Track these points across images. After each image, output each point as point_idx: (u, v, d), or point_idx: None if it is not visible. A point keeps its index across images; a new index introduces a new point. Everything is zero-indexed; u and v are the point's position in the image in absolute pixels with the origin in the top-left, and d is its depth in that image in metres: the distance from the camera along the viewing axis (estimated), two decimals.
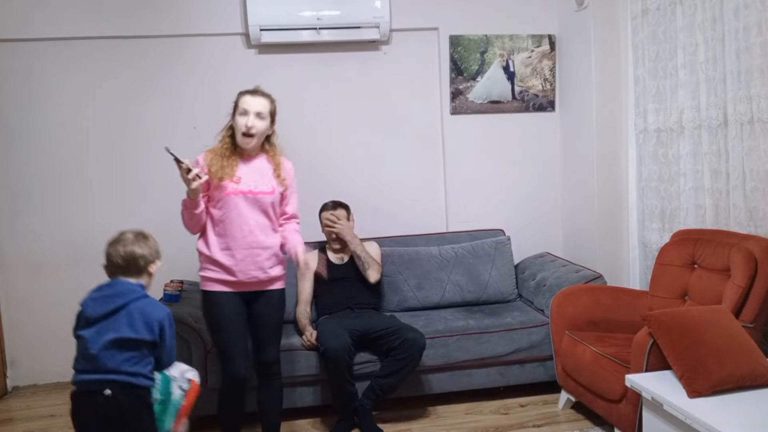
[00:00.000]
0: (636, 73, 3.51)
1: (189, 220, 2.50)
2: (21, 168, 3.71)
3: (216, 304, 2.52)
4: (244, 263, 2.50)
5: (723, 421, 1.93)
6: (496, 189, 4.05)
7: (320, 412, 3.16)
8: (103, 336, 1.96)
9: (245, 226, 2.49)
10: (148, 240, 2.15)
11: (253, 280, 2.53)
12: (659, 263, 3.01)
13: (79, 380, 1.99)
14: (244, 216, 2.49)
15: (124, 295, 2.02)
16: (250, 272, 2.51)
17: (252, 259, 2.50)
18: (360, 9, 3.68)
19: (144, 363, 2.01)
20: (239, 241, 2.48)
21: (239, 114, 2.52)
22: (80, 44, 3.68)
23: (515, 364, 3.24)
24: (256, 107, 2.52)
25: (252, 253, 2.50)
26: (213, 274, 2.51)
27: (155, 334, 2.01)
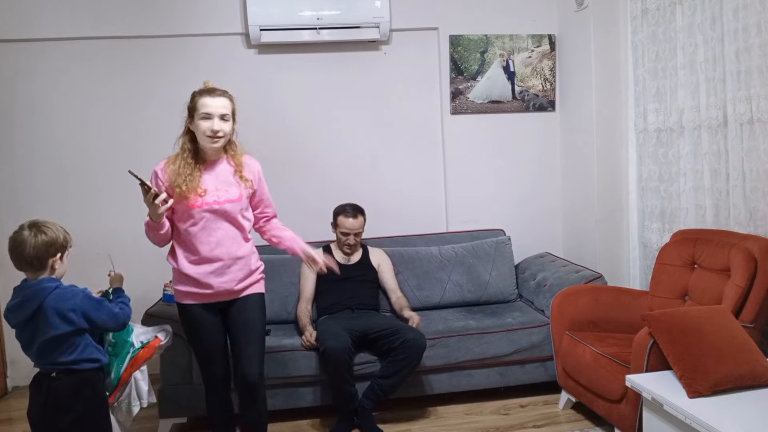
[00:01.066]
0: (636, 73, 3.51)
1: (154, 239, 2.40)
2: (22, 168, 3.71)
3: (191, 318, 2.45)
4: (214, 276, 2.39)
5: (723, 421, 1.93)
6: (497, 189, 4.05)
7: (320, 412, 3.16)
8: (32, 340, 2.07)
9: (212, 238, 2.37)
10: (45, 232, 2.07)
11: (223, 291, 2.42)
12: (659, 263, 3.01)
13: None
14: (211, 228, 2.37)
15: (35, 298, 2.04)
16: (222, 285, 2.40)
17: (222, 271, 2.39)
18: (360, 9, 3.68)
19: (81, 349, 2.08)
20: (208, 254, 2.37)
21: (200, 118, 2.33)
22: (81, 45, 3.68)
23: (515, 364, 3.24)
24: (219, 109, 2.34)
25: (223, 265, 2.39)
26: (184, 288, 2.41)
27: (77, 322, 2.04)
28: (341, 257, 3.43)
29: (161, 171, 2.38)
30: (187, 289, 2.40)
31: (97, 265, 2.71)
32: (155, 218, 2.28)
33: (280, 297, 3.45)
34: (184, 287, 2.41)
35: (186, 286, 2.41)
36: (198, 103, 2.33)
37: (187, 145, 2.39)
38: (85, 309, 2.06)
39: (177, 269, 2.41)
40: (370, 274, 3.41)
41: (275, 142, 3.85)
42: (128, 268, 3.71)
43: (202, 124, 2.32)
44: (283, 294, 3.45)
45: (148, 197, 2.22)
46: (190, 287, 2.40)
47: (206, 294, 2.40)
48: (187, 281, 2.39)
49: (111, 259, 2.44)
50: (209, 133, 2.32)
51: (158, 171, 2.39)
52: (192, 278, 2.38)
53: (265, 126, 3.83)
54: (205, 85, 2.39)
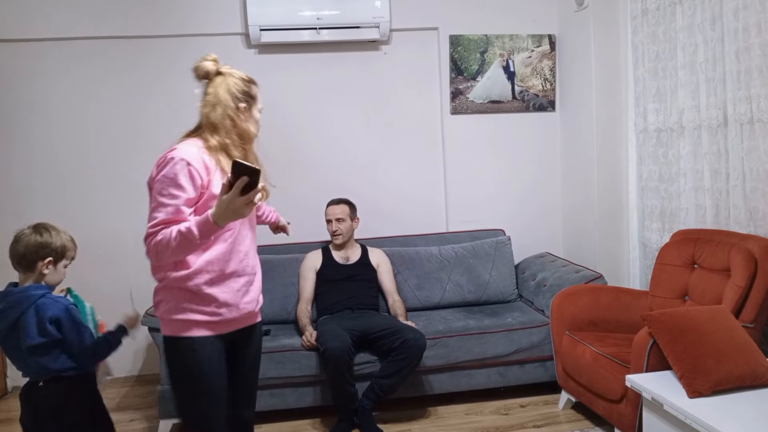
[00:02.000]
0: (636, 73, 3.51)
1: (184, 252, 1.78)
2: (22, 168, 3.71)
3: (203, 356, 1.87)
4: (239, 295, 1.94)
5: (723, 421, 1.93)
6: (497, 189, 4.05)
7: (320, 412, 3.16)
8: (16, 348, 2.01)
9: (242, 246, 1.95)
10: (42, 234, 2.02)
11: (245, 315, 1.98)
12: (659, 263, 3.01)
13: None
14: (241, 235, 1.95)
15: (18, 306, 1.98)
16: (245, 306, 1.96)
17: (246, 289, 1.97)
18: (360, 9, 3.67)
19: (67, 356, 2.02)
20: (237, 269, 1.93)
21: (259, 110, 2.05)
22: (80, 45, 3.68)
23: (515, 364, 3.24)
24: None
25: (249, 280, 1.98)
26: (197, 316, 1.86)
27: (53, 334, 1.97)
28: (339, 257, 3.43)
29: (199, 161, 1.82)
30: (202, 317, 1.87)
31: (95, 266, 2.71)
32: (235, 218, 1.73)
33: (280, 297, 3.45)
34: (198, 315, 1.86)
35: (200, 314, 1.87)
36: (257, 96, 2.03)
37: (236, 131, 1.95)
38: (63, 322, 1.98)
39: (194, 290, 1.85)
40: (369, 273, 3.41)
41: (275, 141, 3.84)
42: (127, 268, 3.75)
43: (258, 116, 2.05)
44: (282, 294, 3.45)
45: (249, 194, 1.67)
46: (205, 315, 1.87)
47: (227, 320, 1.91)
48: (202, 304, 1.87)
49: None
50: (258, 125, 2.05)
51: (189, 158, 1.80)
52: (214, 300, 1.87)
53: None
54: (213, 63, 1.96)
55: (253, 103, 2.00)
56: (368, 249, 3.51)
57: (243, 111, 1.95)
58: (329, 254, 3.44)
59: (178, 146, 1.84)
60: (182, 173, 1.77)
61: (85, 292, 2.12)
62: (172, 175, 1.77)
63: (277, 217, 2.53)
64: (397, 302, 3.35)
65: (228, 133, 1.91)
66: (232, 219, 1.72)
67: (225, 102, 1.91)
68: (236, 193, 1.64)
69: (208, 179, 1.83)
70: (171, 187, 1.77)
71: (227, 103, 1.91)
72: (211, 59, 1.95)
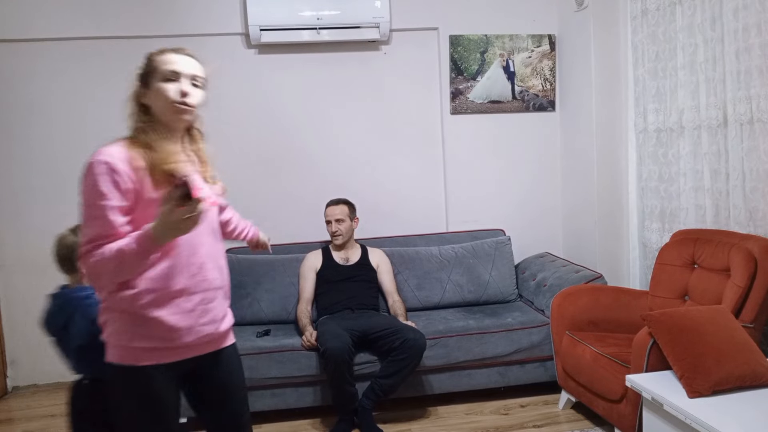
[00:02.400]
0: (636, 73, 3.51)
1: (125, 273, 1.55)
2: (22, 168, 3.71)
3: (149, 390, 1.62)
4: (193, 316, 1.65)
5: (723, 421, 1.93)
6: (497, 189, 4.05)
7: (320, 412, 3.16)
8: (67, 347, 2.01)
9: (195, 257, 1.65)
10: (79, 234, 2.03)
11: (204, 340, 1.69)
12: (659, 263, 3.02)
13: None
14: (192, 244, 1.64)
15: (65, 308, 1.99)
16: (202, 329, 1.67)
17: (204, 308, 1.67)
18: (360, 9, 3.67)
19: None
20: (188, 285, 1.63)
21: (161, 80, 1.63)
22: (81, 44, 3.68)
23: (515, 364, 3.24)
24: (190, 68, 1.68)
25: (205, 299, 1.67)
26: (143, 342, 1.60)
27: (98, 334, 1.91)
28: (339, 258, 3.43)
29: (123, 160, 1.55)
30: (148, 343, 1.60)
31: None
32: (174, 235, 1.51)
33: (280, 297, 3.45)
34: (143, 341, 1.60)
35: (146, 340, 1.60)
36: (158, 62, 1.66)
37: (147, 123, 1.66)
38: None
39: (138, 314, 1.59)
40: (369, 274, 3.41)
41: (275, 142, 3.85)
42: None
43: (167, 88, 1.63)
44: (282, 294, 3.45)
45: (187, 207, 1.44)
46: (152, 341, 1.60)
47: (179, 347, 1.64)
48: (148, 329, 1.60)
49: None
50: (177, 97, 1.63)
51: (112, 159, 1.54)
52: (161, 324, 1.60)
53: (265, 126, 3.84)
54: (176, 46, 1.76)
55: (150, 77, 1.66)
56: (368, 249, 3.51)
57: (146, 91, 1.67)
58: (329, 254, 3.44)
59: (103, 148, 1.58)
60: (102, 179, 1.52)
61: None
62: (93, 182, 1.52)
63: (255, 233, 2.21)
64: (397, 302, 3.35)
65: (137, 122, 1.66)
66: (174, 235, 1.50)
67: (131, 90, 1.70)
68: (171, 206, 1.43)
69: (138, 181, 1.55)
70: (95, 197, 1.52)
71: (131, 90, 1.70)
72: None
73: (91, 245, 1.53)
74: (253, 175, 3.83)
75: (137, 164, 1.55)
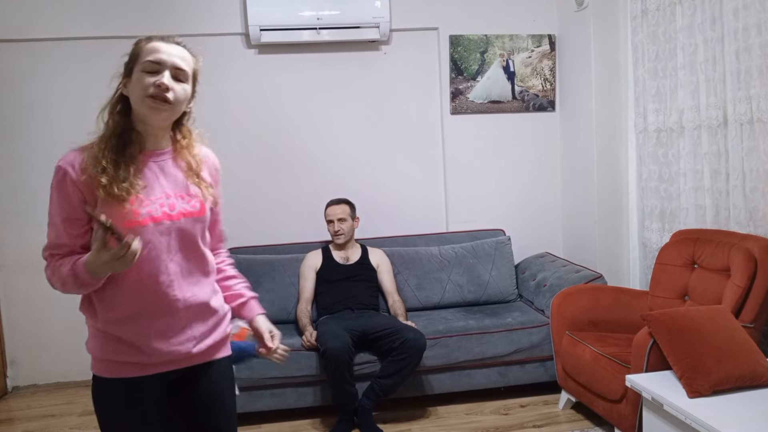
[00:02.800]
0: (636, 73, 3.51)
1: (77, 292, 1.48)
2: (22, 168, 3.71)
3: (121, 401, 1.51)
4: (166, 336, 1.51)
5: (723, 421, 1.93)
6: (496, 189, 4.05)
7: (320, 412, 3.16)
8: None
9: (162, 276, 1.49)
10: None
11: (181, 357, 1.55)
12: (659, 263, 3.02)
13: None
14: (157, 259, 1.49)
15: None
16: (176, 348, 1.53)
17: (177, 329, 1.53)
18: (360, 9, 3.67)
19: None
20: (152, 303, 1.49)
21: (143, 70, 1.47)
22: (81, 45, 3.68)
23: (515, 364, 3.24)
24: (173, 58, 1.49)
25: (176, 318, 1.52)
26: (115, 356, 1.50)
27: None
28: (339, 257, 3.43)
29: (76, 166, 1.48)
30: (119, 357, 1.50)
31: None
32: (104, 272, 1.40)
33: (280, 297, 3.45)
34: (115, 355, 1.50)
35: (117, 354, 1.50)
36: (144, 48, 1.50)
37: (113, 122, 1.55)
38: None
39: (100, 328, 1.51)
40: (369, 273, 3.41)
41: (275, 142, 3.85)
42: None
43: (144, 79, 1.47)
44: (282, 294, 3.45)
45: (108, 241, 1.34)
46: (123, 355, 1.50)
47: (154, 363, 1.52)
48: (117, 344, 1.50)
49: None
50: (152, 90, 1.46)
51: (68, 166, 1.48)
52: (127, 343, 1.49)
53: (265, 126, 3.84)
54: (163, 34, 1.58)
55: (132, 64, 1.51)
56: (368, 249, 3.51)
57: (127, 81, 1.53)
58: (329, 254, 3.44)
59: (67, 152, 1.54)
60: (57, 187, 1.46)
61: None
62: (51, 189, 1.48)
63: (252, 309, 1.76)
64: (397, 302, 3.35)
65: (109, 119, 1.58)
66: (110, 271, 1.39)
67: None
68: (98, 246, 1.34)
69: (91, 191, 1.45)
70: (50, 204, 1.47)
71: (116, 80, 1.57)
72: None
73: (47, 252, 1.50)
74: (253, 175, 3.83)
75: (90, 172, 1.45)
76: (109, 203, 1.43)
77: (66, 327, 3.75)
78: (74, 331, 3.74)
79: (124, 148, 1.50)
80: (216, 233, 1.71)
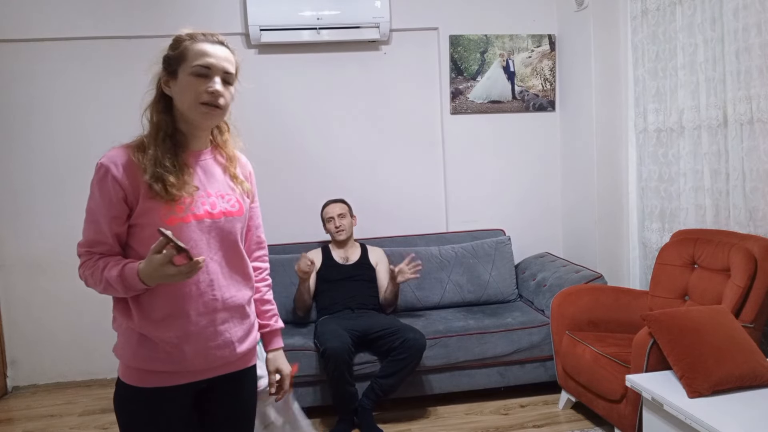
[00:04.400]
0: (636, 73, 3.51)
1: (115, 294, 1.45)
2: (22, 168, 3.71)
3: (147, 410, 1.47)
4: (201, 339, 1.48)
5: (723, 421, 1.93)
6: (496, 189, 4.05)
7: (320, 412, 3.16)
8: None
9: (202, 275, 1.47)
10: None
11: (216, 364, 1.52)
12: (659, 263, 3.02)
13: None
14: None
15: None
16: (213, 353, 1.50)
17: (214, 330, 1.50)
18: (360, 9, 3.68)
19: None
20: (193, 304, 1.46)
21: (192, 73, 1.46)
22: (81, 45, 3.68)
23: (515, 364, 3.24)
24: (222, 62, 1.50)
25: (215, 320, 1.50)
26: (144, 363, 1.46)
27: None
28: (339, 257, 3.43)
29: (119, 163, 1.45)
30: (153, 366, 1.46)
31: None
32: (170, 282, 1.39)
33: (280, 297, 3.43)
34: (148, 363, 1.46)
35: (150, 362, 1.46)
36: (190, 50, 1.47)
37: (163, 122, 1.51)
38: None
39: (131, 330, 1.47)
40: (369, 273, 3.41)
41: (275, 142, 3.85)
42: None
43: (195, 84, 1.46)
44: (283, 294, 3.45)
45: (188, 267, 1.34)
46: (156, 363, 1.46)
47: (188, 371, 1.49)
48: (151, 350, 1.46)
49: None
50: (206, 97, 1.46)
51: (110, 163, 1.45)
52: (165, 347, 1.46)
53: (265, 126, 3.83)
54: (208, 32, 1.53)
55: (177, 65, 1.48)
56: (368, 248, 3.51)
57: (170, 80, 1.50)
58: (329, 254, 3.44)
59: (111, 150, 1.52)
60: (99, 184, 1.45)
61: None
62: (92, 186, 1.46)
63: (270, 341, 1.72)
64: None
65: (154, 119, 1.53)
66: (164, 281, 1.37)
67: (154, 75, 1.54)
68: (161, 260, 1.33)
69: (134, 191, 1.44)
70: (91, 201, 1.46)
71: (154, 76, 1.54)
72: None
73: (83, 249, 1.48)
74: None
75: (137, 173, 1.44)
76: (155, 201, 1.43)
77: (66, 327, 3.76)
78: (74, 331, 3.76)
79: (175, 149, 1.50)
80: (251, 237, 1.69)
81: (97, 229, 1.45)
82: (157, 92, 1.53)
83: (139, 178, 1.43)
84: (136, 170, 1.44)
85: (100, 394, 3.59)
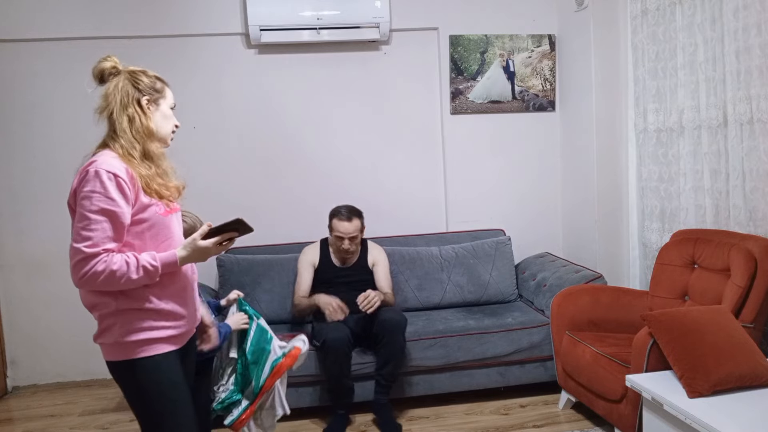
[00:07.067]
0: (636, 73, 3.51)
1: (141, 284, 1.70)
2: (22, 168, 3.71)
3: (170, 372, 1.76)
4: (193, 300, 1.89)
5: (723, 421, 1.93)
6: (497, 189, 4.05)
7: (320, 412, 3.16)
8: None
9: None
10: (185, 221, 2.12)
11: (195, 325, 1.94)
12: (659, 263, 3.02)
13: None
14: (179, 240, 1.83)
15: None
16: (198, 312, 1.95)
17: (194, 292, 1.91)
18: (360, 9, 3.67)
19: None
20: (186, 275, 1.84)
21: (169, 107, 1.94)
22: (81, 44, 3.68)
23: (515, 364, 3.24)
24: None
25: (194, 287, 1.91)
26: (161, 333, 1.74)
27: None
28: (337, 259, 3.38)
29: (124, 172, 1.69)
30: (166, 333, 1.76)
31: None
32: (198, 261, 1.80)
33: (279, 297, 3.44)
34: (163, 331, 1.75)
35: (165, 330, 1.76)
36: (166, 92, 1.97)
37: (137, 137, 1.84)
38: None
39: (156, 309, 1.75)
40: (365, 276, 3.32)
41: (274, 142, 3.85)
42: None
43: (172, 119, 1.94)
44: (281, 294, 3.45)
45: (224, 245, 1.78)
46: (170, 329, 1.77)
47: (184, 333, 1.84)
48: (169, 320, 1.77)
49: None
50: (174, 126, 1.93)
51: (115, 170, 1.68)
52: (173, 314, 1.78)
53: (265, 126, 3.84)
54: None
55: (159, 96, 1.86)
56: (368, 246, 3.42)
57: (145, 106, 1.82)
58: (327, 252, 3.38)
59: (98, 159, 1.70)
60: (111, 187, 1.64)
61: None
62: (102, 189, 1.63)
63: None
64: (387, 295, 3.23)
65: (126, 134, 1.79)
66: (194, 262, 1.80)
67: (121, 97, 1.82)
68: (215, 244, 1.74)
69: (135, 192, 1.70)
70: (102, 202, 1.62)
71: (123, 98, 1.82)
72: (109, 59, 1.92)
73: (95, 249, 1.62)
74: (253, 175, 3.83)
75: (134, 176, 1.71)
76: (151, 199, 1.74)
77: (66, 327, 3.75)
78: (74, 331, 3.76)
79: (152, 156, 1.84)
80: None
81: (114, 226, 1.64)
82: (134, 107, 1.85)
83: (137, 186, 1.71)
84: (133, 177, 1.71)
85: (100, 394, 3.59)
